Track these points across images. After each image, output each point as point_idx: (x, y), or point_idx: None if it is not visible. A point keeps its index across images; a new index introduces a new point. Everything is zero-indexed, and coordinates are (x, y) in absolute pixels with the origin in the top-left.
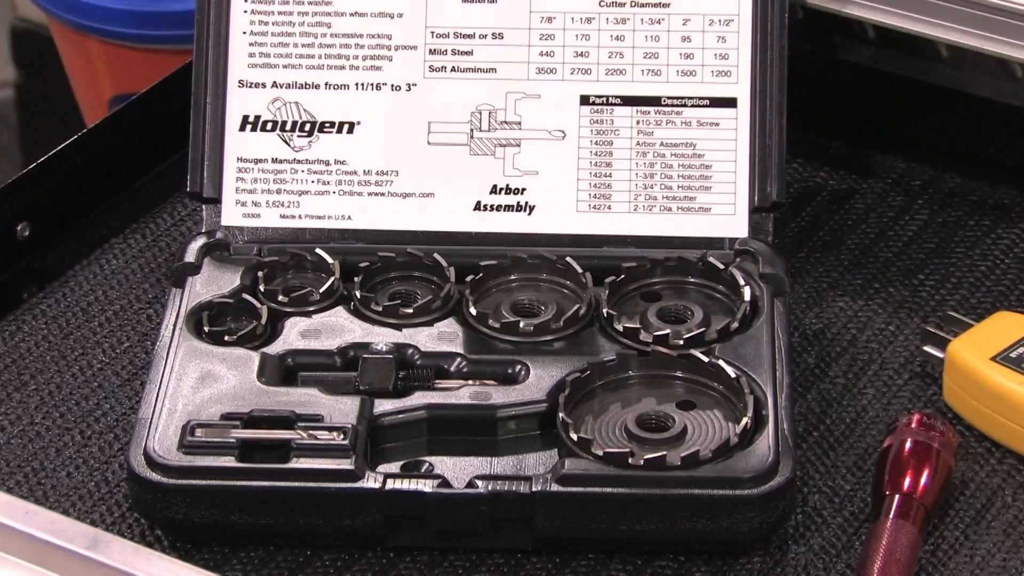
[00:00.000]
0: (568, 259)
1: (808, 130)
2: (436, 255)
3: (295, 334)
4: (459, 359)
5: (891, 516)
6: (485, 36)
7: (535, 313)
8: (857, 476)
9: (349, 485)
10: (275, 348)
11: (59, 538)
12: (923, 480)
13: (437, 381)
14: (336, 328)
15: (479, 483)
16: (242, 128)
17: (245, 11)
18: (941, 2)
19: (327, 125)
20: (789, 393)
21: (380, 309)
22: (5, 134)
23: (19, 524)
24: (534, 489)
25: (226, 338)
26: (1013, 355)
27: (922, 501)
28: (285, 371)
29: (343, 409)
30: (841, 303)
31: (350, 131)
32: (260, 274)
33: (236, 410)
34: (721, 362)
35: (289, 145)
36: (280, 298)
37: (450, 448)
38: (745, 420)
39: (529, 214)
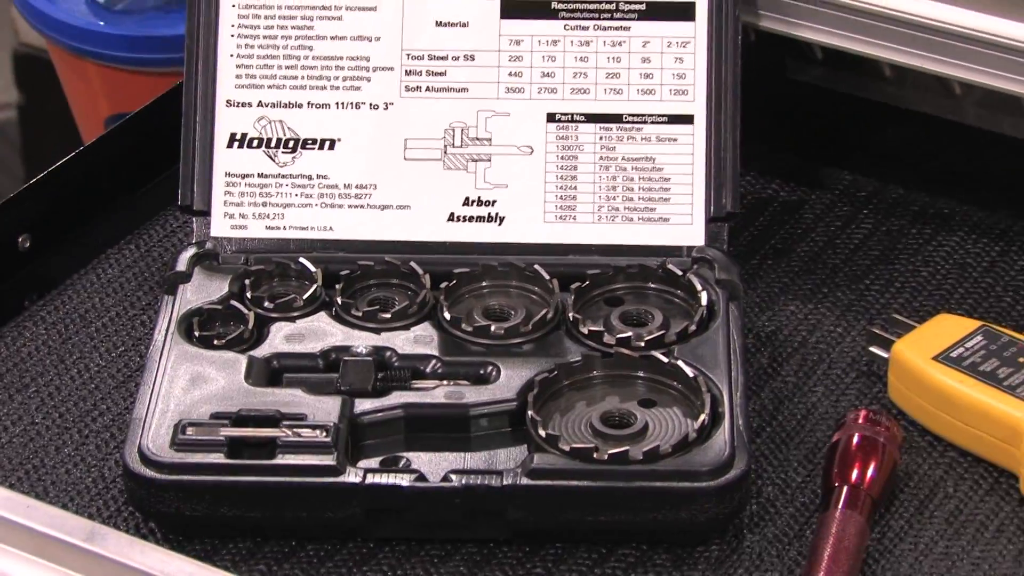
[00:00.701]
0: (536, 267)
1: (760, 145)
2: (412, 263)
3: (280, 338)
4: (434, 361)
5: (840, 506)
6: (457, 58)
7: (505, 317)
8: (808, 469)
9: (331, 480)
10: (261, 351)
11: (58, 531)
12: (870, 472)
13: (413, 381)
14: (319, 332)
15: (453, 477)
16: (230, 145)
17: (232, 35)
18: (885, 25)
19: (309, 142)
20: (744, 391)
21: (360, 314)
22: (8, 151)
23: (20, 518)
24: (505, 483)
25: (215, 342)
26: (954, 355)
27: (869, 492)
28: (271, 373)
29: (325, 408)
30: (792, 307)
31: (331, 147)
32: (247, 282)
33: (225, 410)
34: (680, 363)
35: (274, 161)
36: (266, 304)
37: (426, 444)
38: (703, 417)
39: (499, 224)
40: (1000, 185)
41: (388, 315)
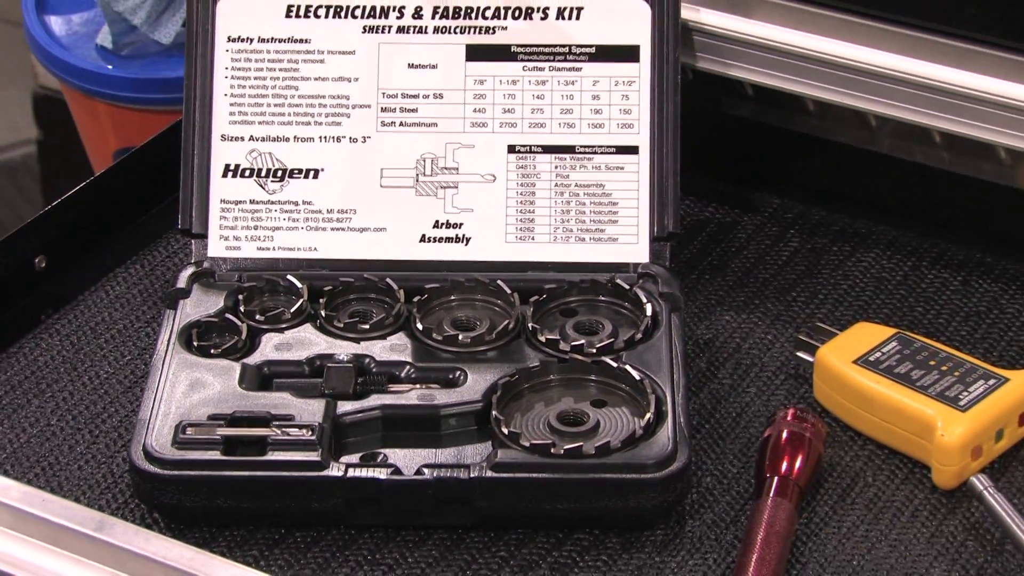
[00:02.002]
0: (499, 282)
1: (698, 172)
2: (388, 280)
3: (270, 347)
4: (408, 367)
5: (771, 495)
6: (428, 96)
7: (471, 328)
8: (742, 461)
9: (316, 474)
10: (253, 359)
11: (71, 521)
12: (797, 464)
13: (390, 385)
14: (305, 342)
15: (426, 471)
16: (224, 175)
17: (226, 77)
18: (808, 64)
19: (296, 172)
20: (685, 392)
21: (341, 325)
22: (27, 180)
23: (37, 510)
24: (472, 475)
25: (212, 351)
26: (872, 359)
27: (797, 482)
28: (262, 378)
29: (311, 410)
30: (727, 316)
31: (315, 176)
32: (240, 297)
33: (221, 412)
34: (628, 367)
35: (264, 189)
36: (257, 317)
37: (401, 441)
38: (648, 415)
39: (466, 245)
40: (912, 207)
41: (367, 326)
